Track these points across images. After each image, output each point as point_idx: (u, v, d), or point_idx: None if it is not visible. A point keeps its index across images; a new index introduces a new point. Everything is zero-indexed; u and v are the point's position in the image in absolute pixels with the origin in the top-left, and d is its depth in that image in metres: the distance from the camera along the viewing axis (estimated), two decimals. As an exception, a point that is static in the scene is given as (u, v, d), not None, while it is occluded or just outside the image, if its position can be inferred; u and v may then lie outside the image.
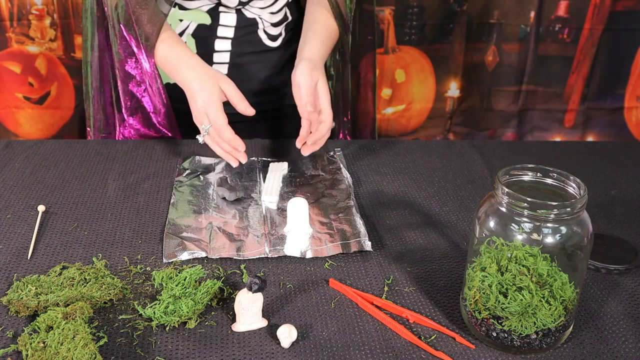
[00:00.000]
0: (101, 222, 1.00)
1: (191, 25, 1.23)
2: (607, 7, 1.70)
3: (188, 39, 1.24)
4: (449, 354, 0.75)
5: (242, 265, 0.91)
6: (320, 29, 1.21)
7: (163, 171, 1.17)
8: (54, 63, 1.68)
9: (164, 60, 1.14)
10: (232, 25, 1.23)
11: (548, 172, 0.77)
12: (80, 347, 0.71)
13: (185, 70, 1.10)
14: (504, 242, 0.73)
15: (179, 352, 0.75)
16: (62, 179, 1.13)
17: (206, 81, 1.08)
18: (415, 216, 1.05)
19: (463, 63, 1.80)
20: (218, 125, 1.05)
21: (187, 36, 1.24)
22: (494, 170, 1.20)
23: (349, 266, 0.91)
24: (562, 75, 1.80)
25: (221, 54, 1.25)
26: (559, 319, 0.73)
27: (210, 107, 1.06)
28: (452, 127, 1.90)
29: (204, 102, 1.06)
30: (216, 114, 1.06)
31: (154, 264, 0.91)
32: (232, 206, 1.04)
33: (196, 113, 1.08)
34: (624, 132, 1.88)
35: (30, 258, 0.91)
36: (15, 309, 0.79)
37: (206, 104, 1.06)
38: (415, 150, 1.29)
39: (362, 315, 0.81)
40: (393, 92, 1.83)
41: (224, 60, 1.26)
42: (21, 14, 1.61)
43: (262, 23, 1.25)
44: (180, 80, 1.11)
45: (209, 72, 1.10)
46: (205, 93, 1.06)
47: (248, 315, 0.78)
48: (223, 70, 1.26)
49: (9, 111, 1.71)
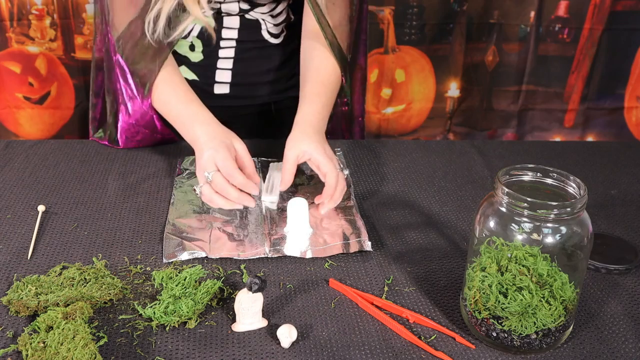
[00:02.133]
0: (101, 222, 1.00)
1: (195, 28, 1.23)
2: (607, 7, 1.70)
3: (193, 40, 1.24)
4: (449, 354, 0.75)
5: (242, 265, 0.91)
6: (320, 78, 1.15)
7: (163, 171, 1.17)
8: (54, 63, 1.68)
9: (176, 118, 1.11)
10: (235, 28, 1.24)
11: (548, 172, 0.77)
12: (80, 347, 0.71)
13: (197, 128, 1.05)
14: (504, 242, 0.73)
15: (179, 352, 0.75)
16: (62, 179, 1.13)
17: (218, 138, 1.03)
18: (415, 216, 1.05)
19: (463, 63, 1.80)
20: (229, 170, 0.97)
21: (192, 38, 1.24)
22: (494, 170, 1.20)
23: (349, 266, 0.91)
24: (562, 75, 1.81)
25: (226, 50, 1.26)
26: (559, 319, 0.73)
27: (219, 153, 0.99)
28: (452, 127, 1.90)
29: (211, 149, 1.00)
30: (225, 159, 0.98)
31: (154, 264, 0.91)
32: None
33: (201, 162, 1.00)
34: (624, 132, 1.88)
35: (30, 258, 0.91)
36: (15, 309, 0.79)
37: (215, 150, 0.99)
38: (415, 150, 1.29)
39: (362, 315, 0.81)
40: (393, 92, 1.83)
41: (228, 55, 1.26)
42: (21, 14, 1.61)
43: (265, 24, 1.25)
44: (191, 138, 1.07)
45: (222, 130, 1.06)
46: (216, 142, 1.01)
47: (248, 315, 0.78)
48: (228, 65, 1.27)
49: (9, 111, 1.71)
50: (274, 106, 1.35)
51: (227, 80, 1.29)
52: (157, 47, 1.11)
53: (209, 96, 1.30)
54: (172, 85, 1.14)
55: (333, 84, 1.18)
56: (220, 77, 1.29)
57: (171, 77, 1.14)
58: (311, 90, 1.14)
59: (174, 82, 1.14)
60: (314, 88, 1.14)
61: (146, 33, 1.10)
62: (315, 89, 1.14)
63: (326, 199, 1.01)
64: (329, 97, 1.16)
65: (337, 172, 1.01)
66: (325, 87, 1.16)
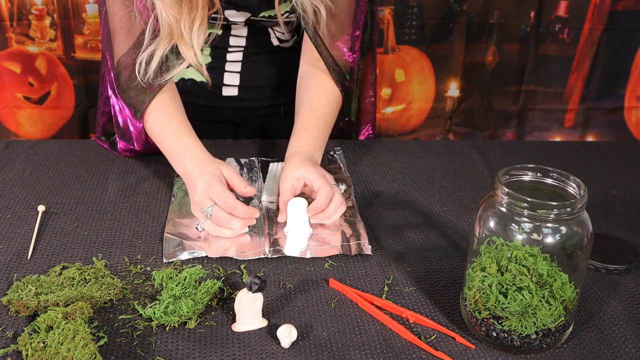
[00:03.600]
0: (101, 222, 1.00)
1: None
2: (607, 7, 1.70)
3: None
4: (449, 354, 0.75)
5: (242, 265, 0.91)
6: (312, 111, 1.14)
7: (163, 171, 1.17)
8: (54, 63, 1.68)
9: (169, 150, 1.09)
10: (243, 36, 1.23)
11: (548, 172, 0.77)
12: (80, 347, 0.71)
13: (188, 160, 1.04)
14: (504, 242, 0.73)
15: (179, 352, 0.75)
16: (62, 179, 1.13)
17: (208, 165, 1.01)
18: (415, 216, 1.05)
19: (463, 63, 1.80)
20: (229, 203, 0.95)
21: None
22: (494, 170, 1.20)
23: (349, 266, 0.91)
24: (562, 75, 1.81)
25: (234, 54, 1.25)
26: (559, 319, 0.73)
27: (213, 188, 0.96)
28: (452, 127, 1.90)
29: (205, 183, 0.97)
30: (222, 192, 0.96)
31: (154, 264, 0.91)
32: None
33: (197, 198, 0.98)
34: (623, 132, 1.88)
35: (30, 258, 0.91)
36: (15, 309, 0.79)
37: (209, 185, 0.97)
38: (415, 150, 1.29)
39: (362, 315, 0.81)
40: (393, 92, 1.83)
41: (237, 59, 1.26)
42: (21, 14, 1.61)
43: (274, 32, 1.25)
44: (182, 171, 1.05)
45: (211, 159, 1.04)
46: (206, 176, 0.99)
47: (248, 315, 0.78)
48: (236, 67, 1.27)
49: (9, 111, 1.71)
50: (283, 108, 1.35)
51: (236, 83, 1.28)
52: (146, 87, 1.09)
53: (217, 98, 1.30)
54: (166, 116, 1.10)
55: (327, 116, 1.16)
56: (229, 79, 1.28)
57: (165, 107, 1.11)
58: (302, 124, 1.13)
59: (168, 114, 1.10)
60: (306, 121, 1.13)
61: (136, 74, 1.07)
62: (307, 122, 1.13)
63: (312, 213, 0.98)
64: (321, 128, 1.14)
65: (330, 189, 0.98)
66: (318, 118, 1.14)
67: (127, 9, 1.06)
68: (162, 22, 1.04)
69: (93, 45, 1.67)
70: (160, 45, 1.06)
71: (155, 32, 1.06)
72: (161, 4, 1.02)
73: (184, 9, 1.03)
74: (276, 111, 1.35)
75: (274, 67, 1.30)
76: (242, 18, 1.18)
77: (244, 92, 1.29)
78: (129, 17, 1.07)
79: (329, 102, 1.17)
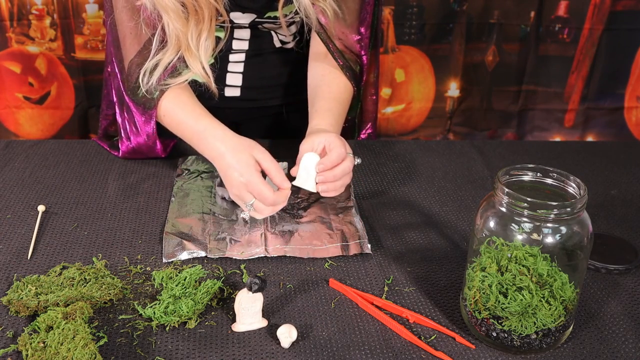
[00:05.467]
0: (101, 222, 1.00)
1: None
2: (607, 7, 1.70)
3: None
4: (449, 354, 0.75)
5: (242, 265, 0.91)
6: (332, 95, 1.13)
7: (163, 171, 1.17)
8: (54, 63, 1.68)
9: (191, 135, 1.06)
10: (246, 39, 1.23)
11: (548, 172, 0.77)
12: (80, 347, 0.71)
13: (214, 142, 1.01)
14: (504, 242, 0.73)
15: (179, 352, 0.75)
16: (62, 179, 1.13)
17: (241, 152, 0.98)
18: (415, 216, 1.05)
19: (463, 63, 1.80)
20: (270, 200, 0.94)
21: None
22: (494, 170, 1.20)
23: (349, 266, 0.91)
24: (562, 75, 1.81)
25: (237, 54, 1.25)
26: (559, 319, 0.73)
27: (251, 182, 0.94)
28: (452, 127, 1.90)
29: (242, 176, 0.95)
30: (261, 189, 0.94)
31: (154, 264, 0.91)
32: (232, 206, 1.04)
33: (234, 189, 0.97)
34: (623, 132, 1.88)
35: (30, 258, 0.91)
36: (15, 309, 0.79)
37: (246, 179, 0.95)
38: (415, 150, 1.29)
39: (362, 315, 0.81)
40: (393, 92, 1.83)
41: (239, 60, 1.26)
42: (21, 14, 1.61)
43: (277, 35, 1.25)
44: (210, 154, 1.02)
45: (241, 142, 1.01)
46: (242, 166, 0.96)
47: (248, 315, 0.78)
48: (239, 68, 1.26)
49: (9, 111, 1.71)
50: (286, 109, 1.34)
51: (238, 83, 1.28)
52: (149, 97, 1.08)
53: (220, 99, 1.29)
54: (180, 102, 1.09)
55: (345, 102, 1.16)
56: (231, 80, 1.28)
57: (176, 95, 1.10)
58: (323, 107, 1.11)
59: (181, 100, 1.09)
60: (326, 104, 1.12)
61: (140, 83, 1.07)
62: (327, 104, 1.12)
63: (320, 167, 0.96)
64: (340, 114, 1.13)
65: (344, 152, 0.97)
66: (338, 103, 1.13)
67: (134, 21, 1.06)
68: (169, 33, 1.04)
69: (93, 45, 1.67)
70: (166, 55, 1.05)
71: (163, 42, 1.06)
72: (167, 17, 1.02)
73: (190, 21, 1.03)
74: (279, 111, 1.35)
75: (276, 68, 1.30)
76: (247, 20, 1.18)
77: (247, 92, 1.29)
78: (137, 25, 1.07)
79: (347, 87, 1.17)
